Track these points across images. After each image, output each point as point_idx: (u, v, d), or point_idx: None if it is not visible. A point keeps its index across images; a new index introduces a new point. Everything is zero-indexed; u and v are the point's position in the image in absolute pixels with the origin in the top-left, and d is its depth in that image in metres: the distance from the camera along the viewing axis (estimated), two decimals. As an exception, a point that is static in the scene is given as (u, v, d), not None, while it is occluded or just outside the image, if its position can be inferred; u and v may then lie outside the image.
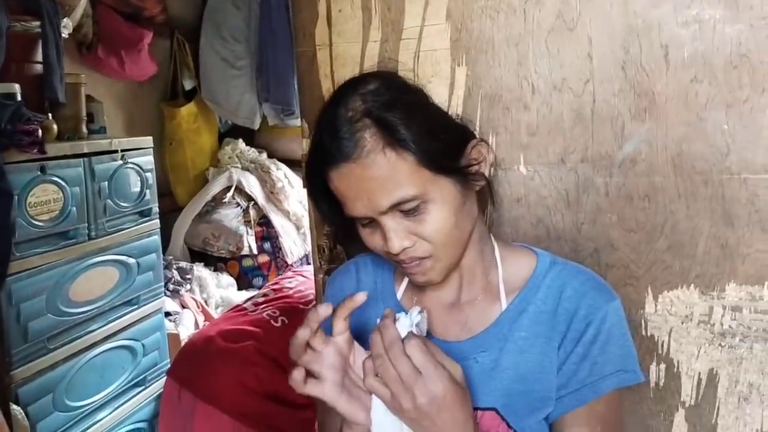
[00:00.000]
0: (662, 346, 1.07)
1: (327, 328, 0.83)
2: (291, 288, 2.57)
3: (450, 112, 1.13)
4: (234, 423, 1.98)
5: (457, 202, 0.85)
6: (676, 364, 1.07)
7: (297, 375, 0.80)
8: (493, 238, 0.97)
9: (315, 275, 1.33)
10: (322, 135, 0.84)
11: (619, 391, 0.88)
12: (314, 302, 2.24)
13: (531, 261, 0.94)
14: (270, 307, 2.33)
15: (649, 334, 1.07)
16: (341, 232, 0.98)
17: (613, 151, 1.05)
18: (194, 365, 2.11)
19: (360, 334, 0.88)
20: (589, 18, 1.04)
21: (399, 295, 0.99)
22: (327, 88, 1.23)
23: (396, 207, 0.82)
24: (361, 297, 0.81)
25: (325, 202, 0.90)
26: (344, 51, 1.22)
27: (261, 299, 2.47)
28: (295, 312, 2.30)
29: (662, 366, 1.08)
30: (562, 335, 0.87)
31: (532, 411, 0.87)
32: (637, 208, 1.05)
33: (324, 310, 0.80)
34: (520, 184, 1.12)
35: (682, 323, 1.05)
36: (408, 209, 0.82)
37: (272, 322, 2.21)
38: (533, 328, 0.89)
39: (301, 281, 2.66)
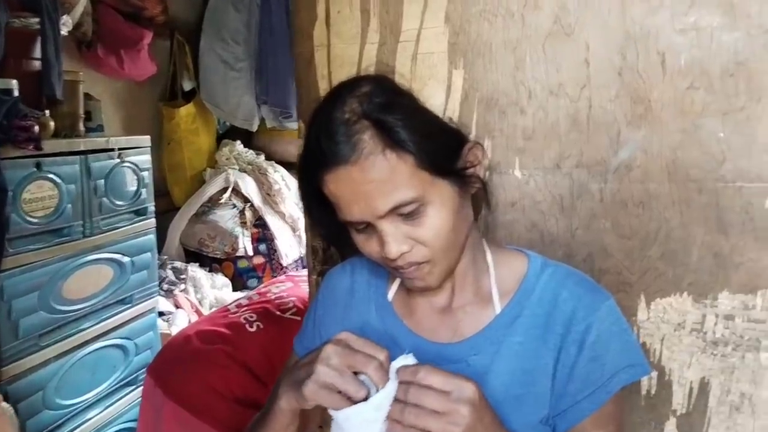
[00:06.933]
0: (654, 353, 1.07)
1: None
2: (275, 293, 2.54)
3: (446, 115, 1.13)
4: (201, 425, 1.97)
5: (455, 205, 0.84)
6: (668, 373, 1.06)
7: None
8: (485, 242, 0.96)
9: (309, 276, 1.33)
10: (317, 138, 0.82)
11: (621, 391, 0.87)
12: (295, 307, 2.25)
13: (522, 263, 0.94)
14: (249, 311, 2.31)
15: (641, 342, 1.07)
16: (333, 238, 0.97)
17: (609, 157, 1.05)
18: (169, 363, 2.09)
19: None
20: (586, 24, 1.04)
21: (390, 296, 0.99)
22: (324, 89, 1.23)
23: (394, 210, 0.81)
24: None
25: (318, 207, 0.89)
26: (342, 52, 1.22)
27: (245, 302, 2.45)
28: (270, 317, 2.25)
29: (654, 374, 1.07)
30: (561, 337, 0.86)
31: (527, 414, 0.86)
32: (632, 215, 1.05)
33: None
34: (515, 189, 1.11)
35: (675, 331, 1.05)
36: (406, 212, 0.81)
37: (247, 326, 2.17)
38: (529, 332, 0.88)
39: (288, 287, 2.63)
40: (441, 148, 0.83)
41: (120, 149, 2.24)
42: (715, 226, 1.01)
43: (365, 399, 0.75)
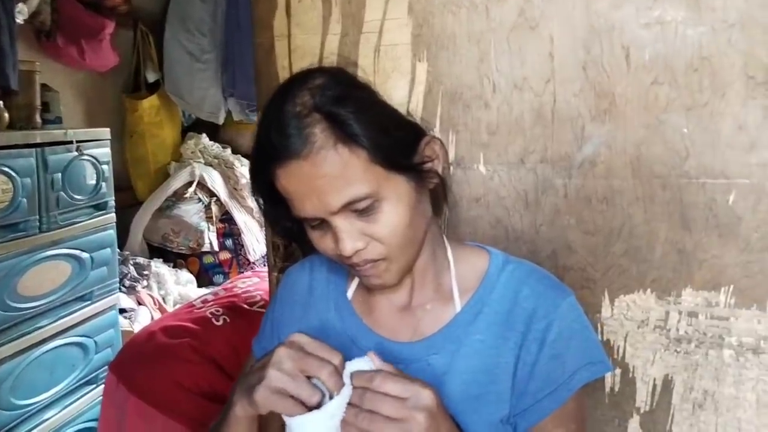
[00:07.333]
0: (618, 351, 1.06)
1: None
2: (242, 288, 2.51)
3: (410, 108, 1.11)
4: (165, 419, 1.93)
5: (411, 201, 0.82)
6: (631, 370, 1.06)
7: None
8: (445, 238, 0.94)
9: (269, 273, 1.30)
10: (268, 131, 0.79)
11: (584, 388, 0.86)
12: (262, 300, 2.22)
13: (484, 260, 0.92)
14: (215, 306, 2.27)
15: (604, 339, 1.06)
16: (292, 234, 0.94)
17: (573, 152, 1.03)
18: (132, 359, 2.06)
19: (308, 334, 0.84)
20: (551, 17, 1.02)
21: (349, 294, 0.96)
22: (284, 79, 1.19)
23: (348, 206, 0.78)
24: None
25: (272, 202, 0.86)
26: (303, 43, 1.18)
27: (211, 297, 2.41)
28: (237, 311, 2.22)
29: (617, 371, 1.06)
30: (522, 335, 0.85)
31: (488, 413, 0.85)
32: (596, 211, 1.04)
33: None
34: (480, 184, 1.09)
35: (638, 328, 1.04)
36: (361, 208, 0.78)
37: (213, 320, 2.14)
38: (490, 329, 0.86)
39: (255, 282, 2.60)
40: (396, 143, 0.80)
41: (78, 142, 2.18)
42: (679, 223, 1.00)
43: (319, 404, 0.72)
